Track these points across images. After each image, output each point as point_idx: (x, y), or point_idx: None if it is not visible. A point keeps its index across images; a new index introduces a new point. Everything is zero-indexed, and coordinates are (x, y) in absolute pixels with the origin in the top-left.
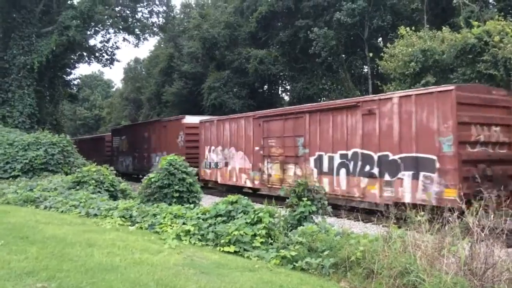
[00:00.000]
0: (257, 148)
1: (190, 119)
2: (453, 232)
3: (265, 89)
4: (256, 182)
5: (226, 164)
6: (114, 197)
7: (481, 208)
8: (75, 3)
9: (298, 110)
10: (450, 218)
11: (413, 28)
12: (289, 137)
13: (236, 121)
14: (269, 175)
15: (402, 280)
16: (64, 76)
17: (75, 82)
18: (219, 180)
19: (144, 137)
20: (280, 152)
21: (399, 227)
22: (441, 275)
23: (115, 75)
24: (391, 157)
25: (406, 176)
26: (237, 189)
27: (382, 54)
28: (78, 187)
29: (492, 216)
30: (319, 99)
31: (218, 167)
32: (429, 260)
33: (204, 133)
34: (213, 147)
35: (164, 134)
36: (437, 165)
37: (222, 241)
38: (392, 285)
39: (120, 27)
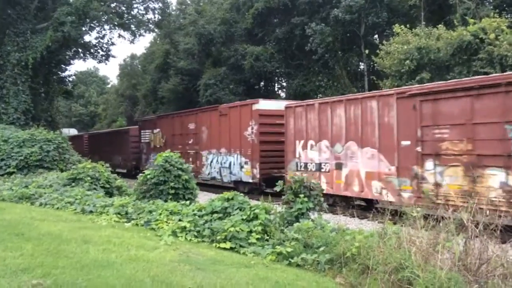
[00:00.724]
0: (406, 142)
1: (267, 104)
2: (447, 228)
3: (261, 85)
4: (406, 195)
5: (339, 166)
6: (109, 194)
7: None
8: None
9: None
10: (444, 214)
11: (407, 25)
12: (487, 125)
13: (360, 103)
14: (437, 185)
15: (397, 275)
16: (59, 72)
17: (70, 79)
18: (325, 188)
19: (190, 129)
20: (465, 148)
21: (394, 223)
22: (436, 270)
23: (110, 71)
24: None
25: None
26: (346, 201)
27: (378, 51)
28: (73, 184)
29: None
30: (315, 96)
31: (323, 170)
32: (423, 256)
33: (295, 123)
34: (311, 142)
35: (223, 125)
36: None
37: (218, 237)
38: (387, 281)
39: (116, 23)
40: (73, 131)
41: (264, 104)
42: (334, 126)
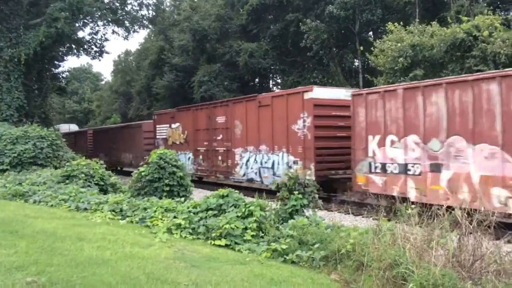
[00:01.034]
0: None
1: (322, 92)
2: (442, 224)
3: (256, 82)
4: None
5: (437, 168)
6: (104, 191)
7: None
8: None
9: None
10: (439, 211)
11: (401, 23)
12: None
13: (470, 86)
14: None
15: (391, 272)
16: (53, 69)
17: (64, 75)
18: (413, 195)
19: (218, 123)
20: None
21: (389, 220)
22: (430, 267)
23: (104, 67)
24: None
25: None
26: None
27: (372, 48)
28: (67, 181)
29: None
30: None
31: (411, 172)
32: (418, 252)
33: (367, 114)
34: (392, 137)
35: (263, 118)
36: None
37: (213, 234)
38: (382, 277)
39: (109, 19)
40: (74, 127)
41: (319, 92)
42: (428, 118)
